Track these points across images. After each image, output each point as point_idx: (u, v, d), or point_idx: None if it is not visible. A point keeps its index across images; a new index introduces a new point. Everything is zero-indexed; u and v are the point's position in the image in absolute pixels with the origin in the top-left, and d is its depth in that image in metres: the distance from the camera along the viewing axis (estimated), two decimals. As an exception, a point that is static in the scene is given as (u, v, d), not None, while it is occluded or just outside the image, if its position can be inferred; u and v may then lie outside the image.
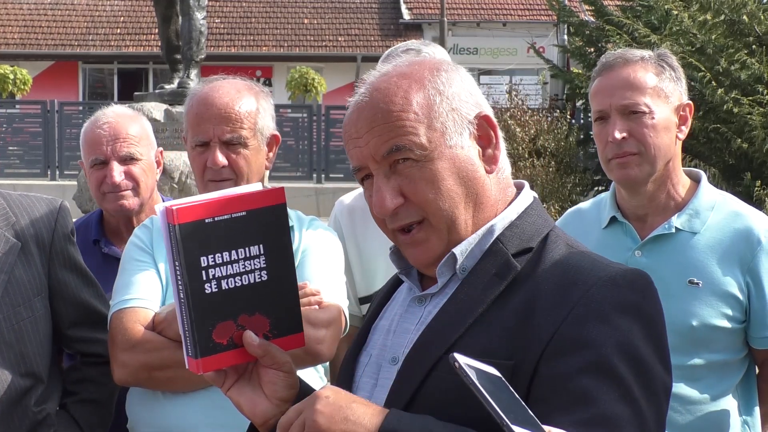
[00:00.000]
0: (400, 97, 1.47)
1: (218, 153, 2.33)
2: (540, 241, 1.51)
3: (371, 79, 1.52)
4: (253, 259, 1.50)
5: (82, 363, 2.45)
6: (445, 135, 1.47)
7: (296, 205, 2.75)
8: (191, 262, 1.44)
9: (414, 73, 1.50)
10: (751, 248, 2.32)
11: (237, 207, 1.49)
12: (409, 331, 1.51)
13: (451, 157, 1.47)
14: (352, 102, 1.52)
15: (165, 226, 1.46)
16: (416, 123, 1.46)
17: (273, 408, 1.50)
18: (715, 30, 10.37)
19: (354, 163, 1.51)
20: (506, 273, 1.46)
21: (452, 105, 1.49)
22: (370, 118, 1.47)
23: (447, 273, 1.50)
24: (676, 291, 2.31)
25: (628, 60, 2.38)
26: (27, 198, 2.33)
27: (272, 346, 1.50)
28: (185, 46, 9.40)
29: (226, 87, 2.40)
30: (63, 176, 17.17)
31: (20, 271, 2.22)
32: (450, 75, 1.52)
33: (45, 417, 2.26)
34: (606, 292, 1.37)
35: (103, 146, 2.86)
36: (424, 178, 1.45)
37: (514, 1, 27.13)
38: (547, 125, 15.08)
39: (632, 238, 2.42)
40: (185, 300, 1.45)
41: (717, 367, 2.35)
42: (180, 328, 1.48)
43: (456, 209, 1.47)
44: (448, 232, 1.48)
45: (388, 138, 1.45)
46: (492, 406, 1.20)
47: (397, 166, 1.46)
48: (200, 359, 1.46)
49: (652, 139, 2.32)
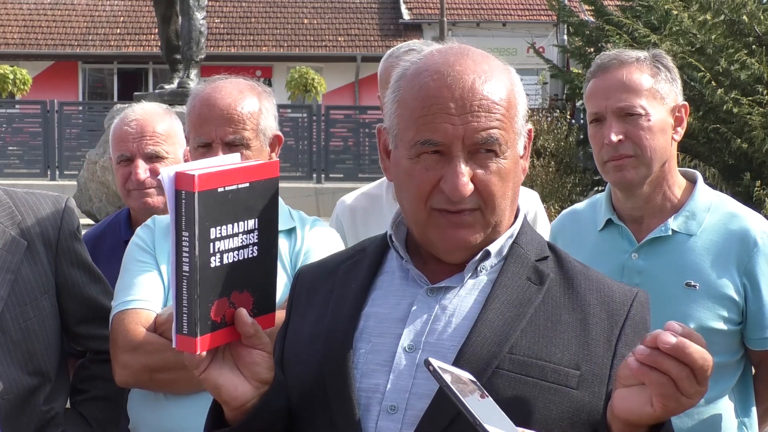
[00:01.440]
0: (501, 90, 1.49)
1: (221, 154, 2.33)
2: (549, 249, 1.61)
3: (458, 58, 1.49)
4: (249, 234, 1.44)
5: (91, 360, 2.45)
6: (518, 138, 1.53)
7: (296, 205, 2.75)
8: (203, 234, 1.35)
9: (501, 69, 1.53)
10: (748, 250, 2.31)
11: (243, 177, 1.42)
12: (425, 321, 1.51)
13: (515, 160, 1.52)
14: (444, 73, 1.47)
15: (173, 193, 1.35)
16: (507, 120, 1.49)
17: (252, 390, 1.46)
18: (715, 30, 10.37)
19: (436, 138, 1.46)
20: (541, 279, 1.54)
21: (524, 111, 1.55)
22: (474, 101, 1.46)
23: (471, 269, 1.54)
24: (673, 293, 2.31)
25: (623, 61, 2.37)
26: (32, 196, 2.32)
27: (258, 325, 1.46)
28: (185, 46, 9.42)
29: (228, 87, 2.40)
30: (63, 176, 17.16)
31: (27, 270, 2.21)
32: (519, 80, 1.57)
33: (54, 416, 2.25)
34: (639, 311, 1.55)
35: (129, 143, 2.86)
36: (498, 173, 1.48)
37: (514, 1, 27.13)
38: (547, 125, 15.08)
39: (629, 241, 2.41)
40: (189, 274, 1.35)
41: (714, 369, 2.34)
42: (174, 307, 1.38)
43: (507, 210, 1.53)
44: (492, 228, 1.53)
45: (487, 127, 1.46)
46: (466, 408, 1.24)
47: (477, 154, 1.47)
48: (199, 338, 1.37)
49: (648, 142, 2.32)
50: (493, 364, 1.43)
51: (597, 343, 1.48)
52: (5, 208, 2.25)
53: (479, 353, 1.44)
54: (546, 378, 1.43)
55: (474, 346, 1.45)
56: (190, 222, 1.34)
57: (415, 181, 1.50)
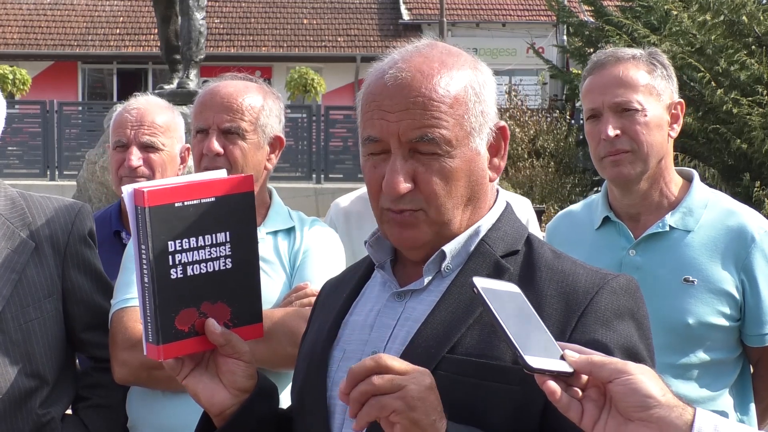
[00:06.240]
0: (442, 88, 1.45)
1: (214, 140, 2.34)
2: (524, 243, 1.53)
3: (409, 56, 1.49)
4: (219, 246, 1.48)
5: (94, 368, 2.43)
6: (470, 136, 1.47)
7: (295, 205, 2.75)
8: (159, 247, 1.43)
9: (456, 66, 1.48)
10: (745, 246, 2.32)
11: (206, 192, 1.47)
12: (389, 326, 1.50)
13: (469, 158, 1.47)
14: (386, 71, 1.47)
15: (132, 209, 1.43)
16: (450, 117, 1.45)
17: (231, 398, 1.51)
18: (715, 30, 10.38)
19: (374, 134, 1.47)
20: (499, 275, 1.46)
21: (483, 108, 1.49)
22: (408, 97, 1.44)
23: (432, 270, 1.50)
24: (671, 289, 2.32)
25: (619, 58, 2.38)
26: (47, 200, 2.31)
27: (233, 335, 1.50)
28: (184, 47, 9.41)
29: (235, 82, 2.44)
30: (62, 176, 17.15)
31: (32, 272, 2.20)
32: (486, 77, 1.52)
33: (49, 420, 2.23)
34: (607, 299, 1.43)
35: (127, 129, 2.87)
36: (440, 173, 1.45)
37: (514, 2, 27.13)
38: (547, 126, 15.11)
39: (626, 238, 2.42)
40: (150, 285, 1.43)
41: (712, 366, 2.35)
42: (141, 314, 1.46)
43: (457, 209, 1.48)
44: (440, 228, 1.48)
45: (422, 125, 1.43)
46: (507, 335, 1.22)
47: (417, 153, 1.45)
48: (161, 345, 1.44)
49: (644, 137, 2.33)
50: (430, 366, 1.38)
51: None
52: (17, 210, 2.24)
53: (418, 356, 1.40)
54: (486, 378, 1.38)
55: (413, 350, 1.43)
56: (145, 236, 1.42)
57: (367, 179, 1.51)
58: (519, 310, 1.28)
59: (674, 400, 1.20)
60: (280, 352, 2.15)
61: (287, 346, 2.14)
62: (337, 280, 1.73)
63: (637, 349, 1.42)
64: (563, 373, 1.22)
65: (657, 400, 1.18)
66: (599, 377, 1.20)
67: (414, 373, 1.30)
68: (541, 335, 1.26)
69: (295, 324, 2.16)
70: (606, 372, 1.20)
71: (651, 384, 1.19)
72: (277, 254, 2.37)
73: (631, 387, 1.18)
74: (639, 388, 1.18)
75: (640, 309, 1.47)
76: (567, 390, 1.21)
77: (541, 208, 11.74)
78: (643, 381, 1.18)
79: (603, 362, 1.21)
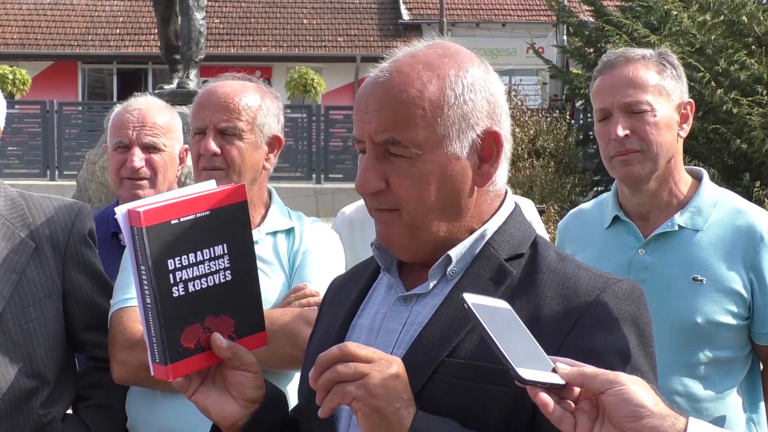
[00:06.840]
0: (415, 89, 1.42)
1: (211, 140, 2.33)
2: (530, 246, 1.51)
3: (399, 56, 1.48)
4: (218, 259, 1.48)
5: (94, 368, 2.42)
6: (445, 140, 1.43)
7: (295, 205, 2.75)
8: (159, 266, 1.41)
9: (440, 67, 1.45)
10: (754, 245, 2.32)
11: (201, 206, 1.46)
12: (396, 330, 1.49)
13: (442, 163, 1.44)
14: (373, 72, 1.48)
15: (128, 230, 1.41)
16: (420, 120, 1.42)
17: (241, 410, 1.51)
18: (715, 30, 10.38)
19: (355, 133, 1.49)
20: (502, 278, 1.46)
21: (463, 111, 1.45)
22: (381, 98, 1.44)
23: (438, 274, 1.49)
24: (679, 288, 2.32)
25: (629, 58, 2.39)
26: (47, 200, 2.31)
27: (239, 347, 1.50)
28: (184, 47, 9.40)
29: (232, 82, 2.43)
30: (62, 176, 17.17)
31: (32, 272, 2.20)
32: (475, 79, 1.47)
33: (50, 420, 2.23)
34: (608, 303, 1.41)
35: (128, 130, 2.84)
36: (410, 176, 1.43)
37: (514, 2, 27.14)
38: (547, 126, 15.12)
39: (635, 237, 2.43)
40: (153, 305, 1.41)
41: (721, 364, 2.36)
42: (145, 335, 1.44)
43: (431, 214, 1.46)
44: (415, 232, 1.47)
45: (389, 127, 1.42)
46: (498, 349, 1.22)
47: (389, 154, 1.44)
48: (170, 365, 1.43)
49: (654, 137, 2.34)
50: (429, 370, 1.39)
51: (545, 337, 1.36)
52: (18, 210, 2.24)
53: (417, 360, 1.40)
54: (485, 380, 1.37)
55: (414, 354, 1.42)
56: (144, 256, 1.40)
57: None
58: (509, 324, 1.28)
59: (666, 410, 1.19)
60: (279, 353, 2.14)
61: (286, 346, 2.14)
62: (345, 279, 1.73)
63: (634, 356, 1.39)
64: (555, 385, 1.22)
65: (649, 409, 1.18)
66: (591, 388, 1.21)
67: (379, 361, 1.32)
68: (532, 348, 1.26)
69: (295, 325, 2.16)
70: (598, 383, 1.20)
71: (643, 394, 1.19)
72: (277, 254, 2.37)
73: (623, 397, 1.18)
74: (631, 398, 1.18)
75: (642, 315, 1.44)
76: (559, 402, 1.22)
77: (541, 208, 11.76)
78: (635, 391, 1.19)
79: (595, 373, 1.21)
